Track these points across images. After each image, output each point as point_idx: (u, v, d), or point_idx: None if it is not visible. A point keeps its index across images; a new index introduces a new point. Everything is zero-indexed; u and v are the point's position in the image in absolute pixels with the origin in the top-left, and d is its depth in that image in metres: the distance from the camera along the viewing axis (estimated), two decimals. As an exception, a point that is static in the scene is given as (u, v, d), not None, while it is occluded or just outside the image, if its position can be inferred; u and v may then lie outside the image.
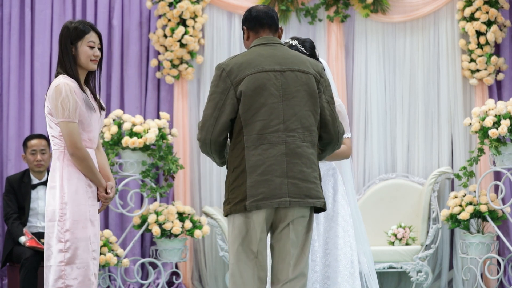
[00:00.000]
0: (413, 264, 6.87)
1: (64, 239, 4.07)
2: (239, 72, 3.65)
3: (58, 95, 4.07)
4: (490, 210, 6.70)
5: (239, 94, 3.63)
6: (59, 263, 4.07)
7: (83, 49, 4.17)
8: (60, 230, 4.08)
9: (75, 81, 4.15)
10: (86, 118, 4.15)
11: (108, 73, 7.41)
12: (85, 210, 4.11)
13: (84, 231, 4.10)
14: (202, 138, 3.74)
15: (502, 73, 7.24)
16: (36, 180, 6.45)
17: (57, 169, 4.13)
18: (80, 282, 4.06)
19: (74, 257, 4.06)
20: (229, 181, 3.69)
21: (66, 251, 4.07)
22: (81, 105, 4.12)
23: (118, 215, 7.26)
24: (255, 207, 3.61)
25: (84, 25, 4.20)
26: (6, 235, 6.47)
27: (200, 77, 7.52)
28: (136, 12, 7.44)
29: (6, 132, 7.29)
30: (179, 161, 7.00)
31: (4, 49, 7.36)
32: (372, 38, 7.43)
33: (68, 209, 4.08)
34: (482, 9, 7.08)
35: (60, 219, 4.08)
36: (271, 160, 3.61)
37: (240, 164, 3.64)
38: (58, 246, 4.08)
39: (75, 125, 4.10)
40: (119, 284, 6.87)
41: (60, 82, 4.10)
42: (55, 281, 4.07)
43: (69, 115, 4.07)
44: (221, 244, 6.89)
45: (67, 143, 4.08)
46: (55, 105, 4.07)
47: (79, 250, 4.07)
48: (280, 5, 7.35)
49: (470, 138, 7.28)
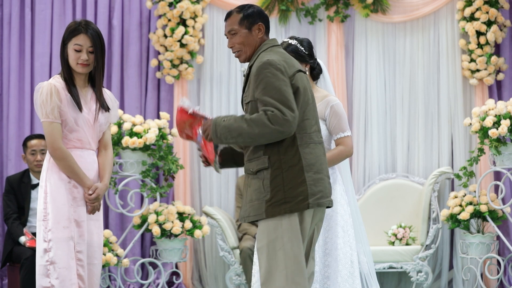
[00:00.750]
0: (413, 264, 6.87)
1: (47, 239, 4.09)
2: (289, 69, 3.64)
3: (39, 96, 4.12)
4: (490, 210, 6.70)
5: (295, 90, 3.63)
6: (45, 262, 4.09)
7: (70, 51, 4.17)
8: (44, 230, 4.10)
9: (63, 82, 4.15)
10: (70, 118, 4.13)
11: (108, 73, 7.41)
12: (66, 211, 4.10)
13: (65, 231, 4.08)
14: (294, 116, 3.55)
15: (502, 73, 7.24)
16: (35, 180, 6.44)
17: (44, 169, 4.17)
18: (61, 282, 4.05)
19: (55, 256, 4.07)
20: (283, 180, 3.59)
21: (49, 251, 4.08)
22: (64, 105, 4.12)
23: (118, 215, 7.26)
24: (317, 204, 3.62)
25: (78, 25, 4.18)
26: (6, 235, 6.47)
27: (200, 77, 7.52)
28: (136, 12, 7.44)
29: (6, 132, 7.29)
30: (179, 161, 7.00)
31: (4, 49, 7.36)
32: (372, 38, 7.43)
33: (49, 208, 4.10)
34: (482, 9, 7.08)
35: (44, 218, 4.11)
36: (321, 159, 3.67)
37: (298, 162, 3.60)
38: (43, 246, 4.10)
39: (56, 125, 4.10)
40: (119, 284, 6.86)
41: (44, 83, 4.15)
42: (42, 280, 4.09)
43: (48, 115, 4.09)
44: (221, 244, 6.89)
45: (47, 143, 4.12)
46: (36, 106, 4.11)
47: (59, 250, 4.06)
48: (280, 5, 7.35)
49: (470, 138, 7.28)
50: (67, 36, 4.17)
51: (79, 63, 4.15)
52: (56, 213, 4.09)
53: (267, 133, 3.52)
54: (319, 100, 4.57)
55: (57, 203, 4.10)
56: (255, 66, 3.64)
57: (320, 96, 4.60)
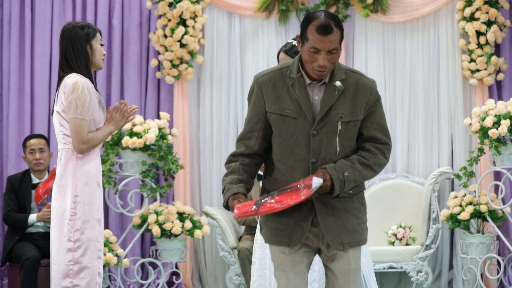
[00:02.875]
0: (413, 264, 6.87)
1: (73, 239, 4.10)
2: None
3: (74, 92, 4.13)
4: (490, 210, 6.69)
5: None
6: (68, 262, 4.09)
7: (97, 47, 4.24)
8: (70, 229, 4.10)
9: (89, 80, 4.20)
10: (98, 117, 4.20)
11: (108, 73, 7.41)
12: (94, 210, 4.14)
13: (92, 231, 4.13)
14: None
15: (502, 73, 7.24)
16: (36, 180, 6.45)
17: (70, 168, 4.15)
18: (88, 281, 4.09)
19: (82, 256, 4.09)
20: (365, 204, 3.58)
21: (75, 251, 4.09)
22: (95, 103, 4.17)
23: (118, 215, 7.25)
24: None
25: (89, 25, 4.30)
26: (6, 234, 6.47)
27: (200, 77, 7.52)
28: (136, 12, 7.44)
29: (6, 132, 7.29)
30: (179, 161, 7.00)
31: (4, 49, 7.36)
32: (372, 38, 7.43)
33: (79, 208, 4.11)
34: (482, 9, 7.08)
35: (71, 218, 4.11)
36: None
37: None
38: (67, 245, 4.10)
39: (85, 123, 4.14)
40: (119, 284, 6.87)
41: (78, 79, 4.15)
42: (62, 280, 4.10)
43: (81, 112, 4.12)
44: (221, 244, 6.89)
45: (74, 139, 4.12)
46: (69, 101, 4.11)
47: (88, 250, 4.11)
48: (280, 5, 7.35)
49: (470, 138, 7.27)
50: (90, 33, 4.23)
51: (102, 58, 4.30)
52: (86, 213, 4.13)
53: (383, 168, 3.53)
54: None
55: (88, 203, 4.13)
56: (366, 85, 3.54)
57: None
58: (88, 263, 4.10)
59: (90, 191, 4.15)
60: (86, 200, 4.13)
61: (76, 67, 4.21)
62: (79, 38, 4.21)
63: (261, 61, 7.44)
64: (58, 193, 4.16)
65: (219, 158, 7.43)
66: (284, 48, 4.57)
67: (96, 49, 4.25)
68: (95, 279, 4.12)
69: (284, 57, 4.54)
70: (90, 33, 4.24)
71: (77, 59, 4.21)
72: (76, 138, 4.12)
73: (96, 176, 4.22)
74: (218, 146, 7.45)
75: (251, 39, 7.48)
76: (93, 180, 4.18)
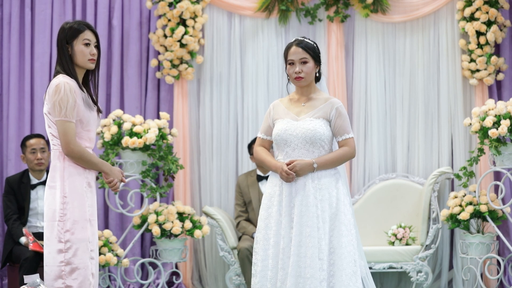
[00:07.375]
0: (413, 264, 6.87)
1: (64, 239, 4.08)
2: None
3: (57, 94, 4.09)
4: (490, 210, 6.70)
5: None
6: (59, 263, 4.08)
7: (78, 48, 4.18)
8: (60, 231, 4.08)
9: (74, 80, 4.16)
10: (85, 117, 4.16)
11: (108, 73, 7.41)
12: (84, 211, 4.12)
13: (83, 231, 4.11)
14: None
15: (502, 73, 7.24)
16: (35, 180, 6.45)
17: (58, 169, 4.14)
18: (80, 282, 4.08)
19: (74, 257, 4.07)
20: None
21: (66, 251, 4.07)
22: (80, 104, 4.14)
23: (118, 215, 7.26)
24: None
25: (79, 24, 4.22)
26: (6, 235, 6.47)
27: (200, 77, 7.53)
28: (136, 12, 7.44)
29: (6, 132, 7.29)
30: (179, 161, 7.00)
31: (4, 49, 7.36)
32: (372, 38, 7.43)
33: (68, 209, 4.09)
34: (482, 9, 7.08)
35: (60, 219, 4.09)
36: None
37: None
38: (58, 246, 4.08)
39: (71, 125, 4.10)
40: (119, 284, 6.87)
41: (60, 81, 4.12)
42: (54, 281, 4.08)
43: (66, 114, 4.09)
44: (221, 244, 6.89)
45: (62, 142, 4.10)
46: (53, 104, 4.09)
47: (79, 250, 4.08)
48: (280, 5, 7.35)
49: (470, 138, 7.28)
50: (71, 34, 4.18)
51: (89, 58, 4.21)
52: (75, 214, 4.10)
53: None
54: (323, 102, 4.58)
55: (77, 203, 4.11)
56: None
57: (323, 98, 4.61)
58: (80, 264, 4.08)
59: (79, 192, 4.13)
60: (75, 200, 4.11)
61: (63, 68, 4.20)
62: (61, 38, 4.20)
63: (261, 61, 7.44)
64: (49, 195, 4.15)
65: (219, 158, 7.44)
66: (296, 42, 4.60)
67: (77, 50, 4.19)
68: (88, 279, 4.10)
69: (295, 50, 4.55)
70: (71, 33, 4.19)
71: (62, 60, 4.20)
72: (64, 140, 4.10)
73: (86, 176, 4.20)
74: (218, 146, 7.45)
75: (251, 39, 7.48)
76: (83, 180, 4.16)
